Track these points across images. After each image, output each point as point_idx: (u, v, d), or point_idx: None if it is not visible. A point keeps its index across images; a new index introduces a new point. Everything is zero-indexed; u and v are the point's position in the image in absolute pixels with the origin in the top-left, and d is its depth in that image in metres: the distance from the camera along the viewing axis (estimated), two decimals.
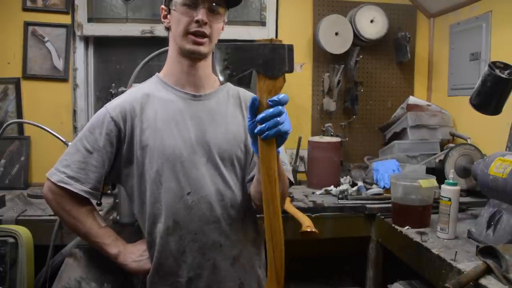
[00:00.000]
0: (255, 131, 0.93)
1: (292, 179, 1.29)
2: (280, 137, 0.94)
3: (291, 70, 0.93)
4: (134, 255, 1.24)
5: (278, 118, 0.91)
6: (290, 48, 0.93)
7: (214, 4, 1.18)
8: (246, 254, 1.27)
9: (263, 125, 0.92)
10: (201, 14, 1.16)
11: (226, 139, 1.24)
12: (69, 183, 1.18)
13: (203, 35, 1.18)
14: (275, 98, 0.92)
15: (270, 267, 0.97)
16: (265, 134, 0.92)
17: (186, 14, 1.17)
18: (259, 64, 0.92)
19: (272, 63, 0.92)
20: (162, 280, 1.21)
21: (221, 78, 0.94)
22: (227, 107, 1.29)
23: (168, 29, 1.27)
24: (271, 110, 0.91)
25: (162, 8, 1.25)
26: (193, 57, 1.22)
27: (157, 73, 1.32)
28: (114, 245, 1.24)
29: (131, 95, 1.25)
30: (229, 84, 1.34)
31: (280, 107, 0.92)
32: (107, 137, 1.19)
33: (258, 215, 1.33)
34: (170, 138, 1.20)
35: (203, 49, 1.20)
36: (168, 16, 1.24)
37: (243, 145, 1.27)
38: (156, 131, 1.20)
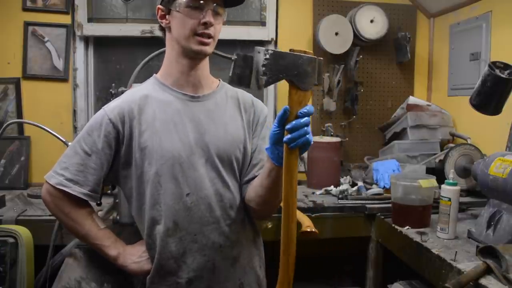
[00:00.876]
0: (285, 139, 0.96)
1: None
2: (304, 147, 0.98)
3: (320, 82, 0.97)
4: (134, 257, 1.24)
5: (306, 128, 0.95)
6: (320, 62, 0.96)
7: (216, 5, 1.19)
8: (246, 255, 1.27)
9: (294, 133, 0.95)
10: (208, 16, 1.17)
11: (225, 140, 1.24)
12: (68, 185, 1.18)
13: (209, 36, 1.19)
14: (305, 109, 0.95)
15: (284, 272, 0.99)
16: (295, 143, 0.95)
17: (192, 16, 1.17)
18: (294, 74, 0.94)
19: (306, 75, 0.94)
20: (162, 281, 1.21)
21: (257, 84, 0.96)
22: (226, 108, 1.29)
23: (163, 29, 1.27)
24: (302, 120, 0.95)
25: (159, 8, 1.23)
26: (197, 58, 1.23)
27: (154, 74, 1.31)
28: (113, 247, 1.24)
29: (129, 97, 1.25)
30: (226, 85, 1.35)
31: (308, 118, 0.96)
32: (105, 139, 1.19)
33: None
34: (169, 140, 1.19)
35: (208, 49, 1.21)
36: (167, 16, 1.22)
37: (242, 146, 1.27)
38: (154, 132, 1.20)
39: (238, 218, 1.25)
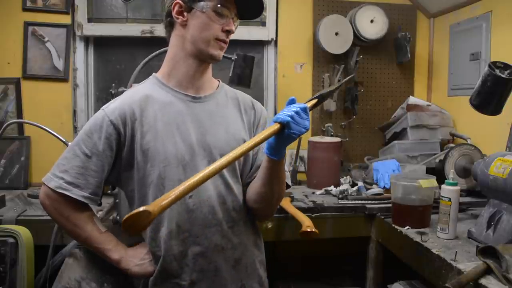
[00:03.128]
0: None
1: (289, 183, 1.31)
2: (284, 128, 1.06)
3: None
4: (136, 259, 1.23)
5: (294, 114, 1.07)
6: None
7: (235, 16, 1.22)
8: (248, 257, 1.27)
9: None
10: (231, 25, 1.20)
11: (227, 141, 1.24)
12: (68, 189, 1.16)
13: (226, 43, 1.22)
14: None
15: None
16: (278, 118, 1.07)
17: (217, 22, 1.18)
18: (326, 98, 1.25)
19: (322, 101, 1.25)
20: (164, 283, 1.20)
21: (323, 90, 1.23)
22: (227, 109, 1.29)
23: (171, 25, 1.23)
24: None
25: (178, 3, 1.19)
26: (210, 61, 1.24)
27: (154, 74, 1.29)
28: (115, 250, 1.22)
29: (129, 97, 1.23)
30: (226, 86, 1.36)
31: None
32: (106, 141, 1.17)
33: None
34: (172, 142, 1.19)
35: (221, 55, 1.23)
36: (186, 14, 1.19)
37: None
38: (157, 134, 1.19)
39: (240, 220, 1.25)
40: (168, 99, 1.23)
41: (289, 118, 1.05)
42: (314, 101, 1.19)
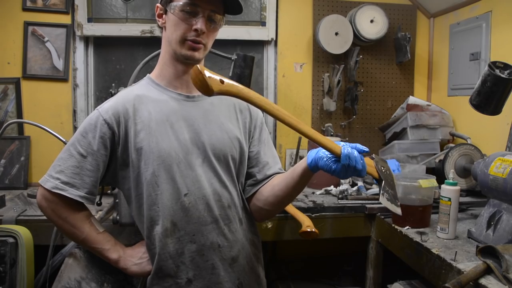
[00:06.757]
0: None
1: None
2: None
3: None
4: (134, 259, 1.24)
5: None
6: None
7: (212, 12, 1.19)
8: (245, 255, 1.27)
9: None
10: (200, 24, 1.17)
11: (221, 139, 1.24)
12: (64, 189, 1.16)
13: (200, 43, 1.19)
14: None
15: None
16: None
17: (185, 21, 1.17)
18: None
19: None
20: (161, 281, 1.21)
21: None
22: (221, 108, 1.29)
23: (161, 28, 1.27)
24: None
25: (158, 7, 1.24)
26: (187, 63, 1.23)
27: (148, 74, 1.31)
28: (113, 250, 1.23)
29: (122, 97, 1.24)
30: None
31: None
32: (101, 140, 1.18)
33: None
34: (165, 140, 1.19)
35: (197, 55, 1.21)
36: (164, 16, 1.23)
37: (238, 146, 1.27)
38: (150, 132, 1.19)
39: (236, 218, 1.26)
40: (161, 98, 1.24)
41: (350, 149, 1.04)
42: (376, 173, 1.18)
